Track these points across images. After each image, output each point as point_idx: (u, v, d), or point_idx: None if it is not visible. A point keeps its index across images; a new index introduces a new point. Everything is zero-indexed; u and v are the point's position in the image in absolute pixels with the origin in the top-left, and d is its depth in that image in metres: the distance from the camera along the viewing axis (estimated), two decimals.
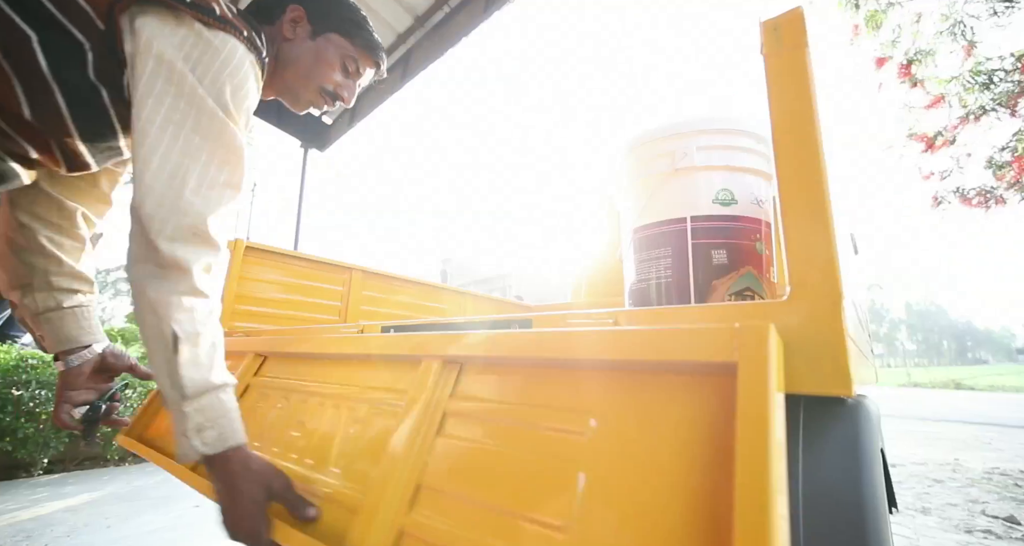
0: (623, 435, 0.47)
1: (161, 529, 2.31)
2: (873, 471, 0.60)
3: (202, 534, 2.28)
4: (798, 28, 0.55)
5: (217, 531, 0.61)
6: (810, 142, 0.51)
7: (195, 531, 2.29)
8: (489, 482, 0.52)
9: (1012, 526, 2.67)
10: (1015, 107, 3.77)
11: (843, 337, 0.44)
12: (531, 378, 0.57)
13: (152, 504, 2.70)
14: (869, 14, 4.23)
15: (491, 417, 0.57)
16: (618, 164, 1.16)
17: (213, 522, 2.33)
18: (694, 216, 0.96)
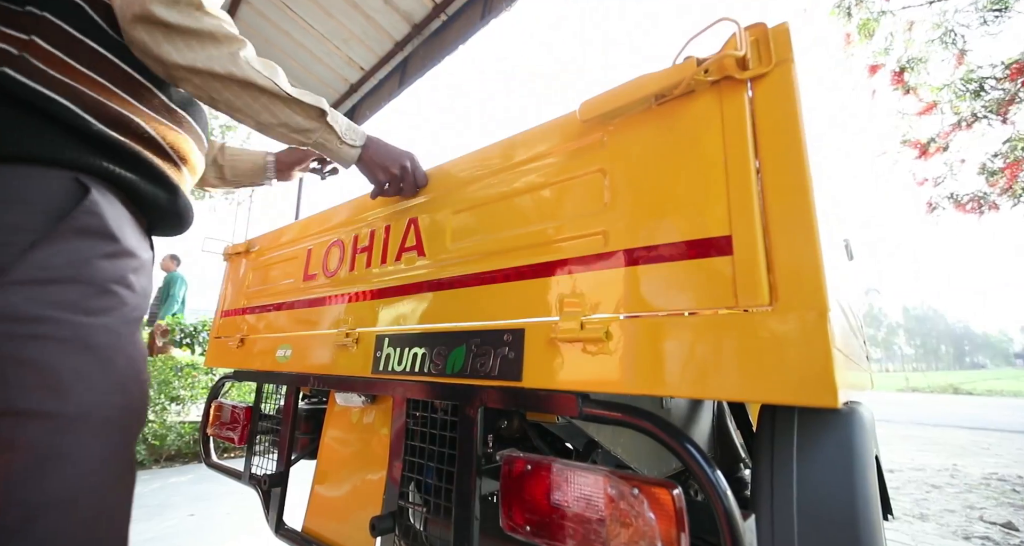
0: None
1: (155, 538, 2.29)
2: (866, 479, 0.60)
3: (198, 543, 2.26)
4: (784, 42, 0.56)
5: (209, 539, 0.61)
6: (796, 157, 0.52)
7: (190, 540, 2.27)
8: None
9: (1010, 532, 2.66)
10: (1006, 114, 3.81)
11: (829, 350, 0.45)
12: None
13: (147, 513, 2.68)
14: (861, 22, 4.27)
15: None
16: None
17: (207, 531, 2.31)
18: None
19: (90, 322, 0.53)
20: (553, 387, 0.64)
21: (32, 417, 0.47)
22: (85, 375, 0.51)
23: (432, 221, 0.93)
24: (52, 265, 0.51)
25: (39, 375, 0.48)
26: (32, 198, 0.52)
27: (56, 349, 0.49)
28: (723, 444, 1.21)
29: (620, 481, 0.55)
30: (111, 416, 0.53)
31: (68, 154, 0.55)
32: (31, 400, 0.47)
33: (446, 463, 0.79)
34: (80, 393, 0.50)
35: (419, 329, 0.87)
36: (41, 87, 0.53)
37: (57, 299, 0.51)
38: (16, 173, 0.52)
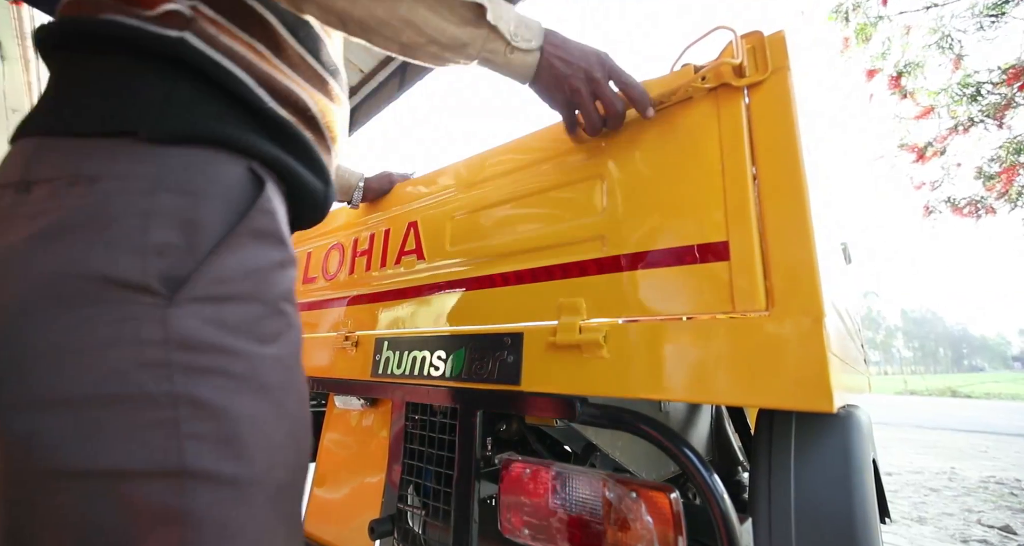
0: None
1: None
2: (863, 483, 0.61)
3: None
4: (780, 50, 0.57)
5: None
6: (792, 163, 0.53)
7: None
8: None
9: (1007, 536, 2.67)
10: (1002, 119, 3.83)
11: (824, 355, 0.45)
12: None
13: None
14: (859, 27, 4.30)
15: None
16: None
17: None
18: None
19: (264, 353, 0.42)
20: (551, 391, 0.64)
21: (205, 481, 0.36)
22: (261, 425, 0.41)
23: (432, 225, 0.94)
24: (230, 278, 0.41)
25: (216, 424, 0.38)
26: (211, 191, 0.42)
27: (234, 390, 0.39)
28: (721, 447, 1.21)
29: (618, 485, 0.55)
30: (285, 479, 0.42)
31: (245, 138, 0.45)
32: (206, 458, 0.36)
33: (445, 466, 0.80)
34: (257, 450, 0.40)
35: (418, 332, 0.87)
36: (221, 57, 0.45)
37: (234, 322, 0.41)
38: (194, 159, 0.42)
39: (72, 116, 0.41)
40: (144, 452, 0.35)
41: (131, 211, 0.38)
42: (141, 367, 0.36)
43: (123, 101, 0.42)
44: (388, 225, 1.04)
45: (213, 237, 0.41)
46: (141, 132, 0.40)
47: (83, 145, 0.40)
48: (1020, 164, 3.91)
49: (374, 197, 1.11)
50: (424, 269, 0.92)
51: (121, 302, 0.37)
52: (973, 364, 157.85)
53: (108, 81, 0.43)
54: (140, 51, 0.43)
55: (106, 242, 0.37)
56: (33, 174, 0.40)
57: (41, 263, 0.36)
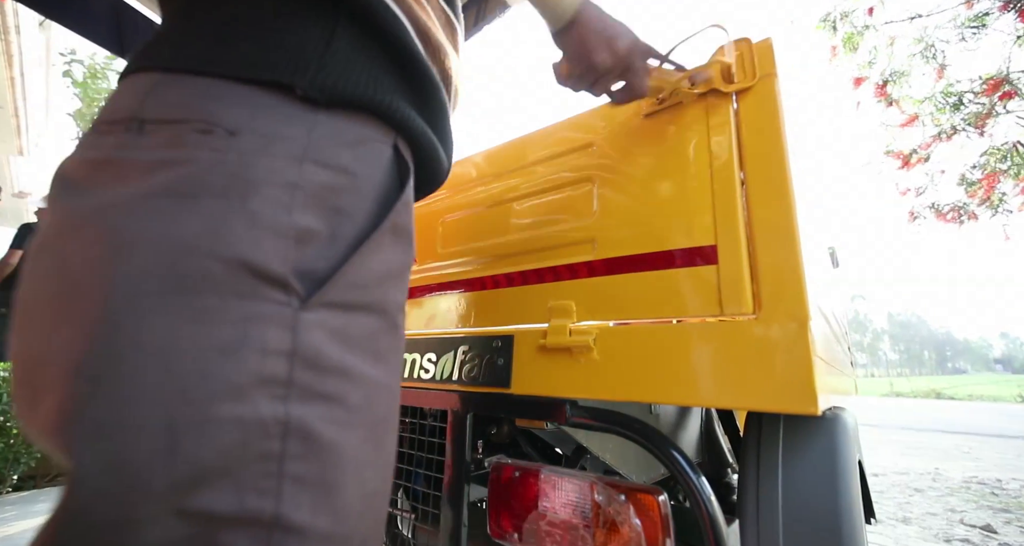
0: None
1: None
2: (849, 484, 0.62)
3: None
4: (767, 57, 0.58)
5: None
6: (778, 168, 0.54)
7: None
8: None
9: (988, 535, 2.72)
10: (983, 127, 3.92)
11: (810, 359, 0.46)
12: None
13: None
14: (846, 36, 4.37)
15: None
16: None
17: None
18: None
19: (378, 379, 0.35)
20: (541, 394, 0.65)
21: (297, 537, 0.29)
22: (363, 469, 0.33)
23: (423, 227, 0.94)
24: (366, 283, 0.34)
25: (321, 466, 0.30)
26: (361, 172, 0.35)
27: (347, 423, 0.32)
28: (711, 449, 1.22)
29: (607, 487, 0.55)
30: (369, 533, 0.35)
31: (399, 108, 0.38)
32: (304, 508, 0.29)
33: (435, 470, 0.79)
34: (354, 500, 0.32)
35: (409, 335, 0.87)
36: (393, 3, 0.38)
37: (358, 338, 0.34)
38: (347, 129, 0.35)
39: (207, 53, 0.33)
40: (236, 494, 0.27)
41: (278, 180, 0.31)
42: (259, 384, 0.28)
43: (277, 46, 0.34)
44: None
45: (357, 230, 0.34)
46: (298, 87, 0.33)
47: (220, 88, 0.32)
48: (1001, 171, 4.00)
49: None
50: (414, 271, 0.92)
51: (251, 296, 0.29)
52: (957, 366, 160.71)
53: (257, 20, 0.35)
54: None
55: (250, 216, 0.29)
56: (149, 112, 0.31)
57: (165, 231, 0.28)
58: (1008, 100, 3.80)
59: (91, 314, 0.27)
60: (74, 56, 6.91)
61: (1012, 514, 3.16)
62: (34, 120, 5.24)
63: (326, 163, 0.33)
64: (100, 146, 0.32)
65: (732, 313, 0.52)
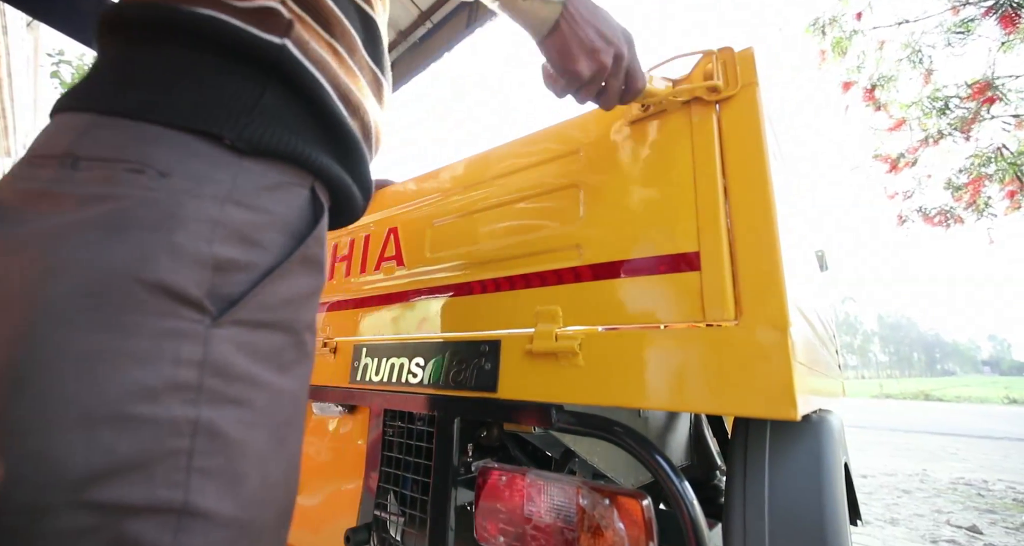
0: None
1: None
2: (834, 486, 0.62)
3: None
4: (749, 66, 0.59)
5: None
6: (760, 176, 0.54)
7: None
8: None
9: (974, 535, 2.75)
10: (968, 132, 3.98)
11: (789, 365, 0.47)
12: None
13: None
14: (835, 41, 4.43)
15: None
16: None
17: None
18: None
19: (282, 386, 0.40)
20: (528, 398, 0.65)
21: (203, 521, 0.33)
22: (264, 463, 0.38)
23: (412, 231, 0.94)
24: (273, 304, 0.39)
25: (225, 459, 0.35)
26: (278, 212, 0.41)
27: (251, 423, 0.37)
28: (700, 452, 1.23)
29: (592, 491, 0.56)
30: (273, 522, 0.40)
31: (316, 157, 0.43)
32: (210, 497, 0.33)
33: (422, 474, 0.79)
34: (256, 489, 0.37)
35: (397, 339, 0.87)
36: (312, 67, 0.43)
37: (262, 351, 0.39)
38: (273, 176, 0.41)
39: (145, 99, 0.37)
40: (148, 485, 0.31)
41: (202, 217, 0.36)
42: (173, 389, 0.33)
43: (212, 100, 0.39)
44: (368, 231, 1.03)
45: (270, 260, 0.40)
46: (227, 136, 0.38)
47: (154, 132, 0.36)
48: (986, 176, 4.07)
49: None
50: (403, 276, 0.92)
51: (168, 314, 0.33)
52: (945, 368, 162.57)
53: (196, 74, 0.39)
54: (235, 50, 0.40)
55: (171, 247, 0.34)
56: (84, 150, 0.35)
57: (93, 256, 0.32)
58: (992, 105, 3.86)
59: (20, 327, 0.30)
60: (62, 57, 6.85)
61: (998, 515, 3.20)
62: (22, 121, 5.18)
63: (246, 204, 0.38)
64: (35, 178, 0.35)
65: (714, 319, 0.53)
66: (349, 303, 1.01)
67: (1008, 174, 3.93)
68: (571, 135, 0.74)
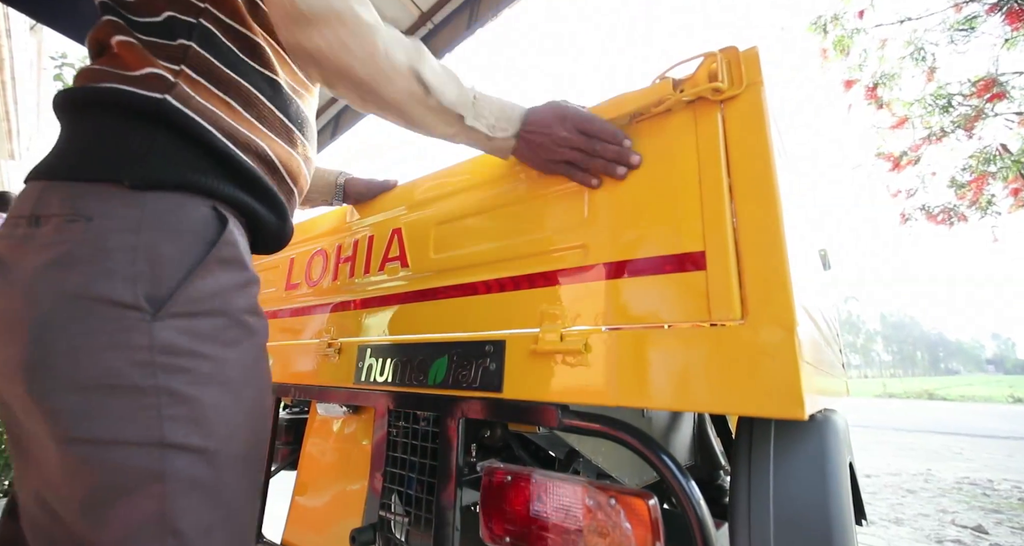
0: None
1: None
2: (840, 485, 0.62)
3: None
4: (754, 65, 0.59)
5: None
6: (765, 175, 0.54)
7: None
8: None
9: (980, 535, 2.74)
10: (972, 129, 3.97)
11: (796, 364, 0.46)
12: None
13: None
14: (837, 39, 4.42)
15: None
16: None
17: None
18: None
19: (227, 356, 0.53)
20: (533, 398, 0.65)
21: (180, 450, 0.47)
22: (222, 410, 0.51)
23: (415, 232, 0.94)
24: (200, 298, 0.51)
25: (187, 409, 0.48)
26: (188, 228, 0.53)
27: (201, 383, 0.50)
28: (704, 452, 1.23)
29: (597, 491, 0.56)
30: (242, 451, 0.53)
31: (209, 183, 0.55)
32: (179, 434, 0.47)
33: (427, 474, 0.79)
34: (219, 427, 0.50)
35: (401, 339, 0.87)
36: (194, 115, 0.55)
37: (203, 332, 0.51)
38: (172, 202, 0.52)
39: (71, 164, 0.51)
40: (134, 428, 0.45)
41: (122, 246, 0.48)
42: (132, 366, 0.46)
43: (111, 153, 0.51)
44: (372, 231, 1.04)
45: (186, 265, 0.51)
46: (125, 180, 0.50)
47: (79, 189, 0.50)
48: (989, 174, 4.05)
49: (356, 200, 1.11)
50: (407, 276, 0.92)
51: (118, 317, 0.47)
52: (949, 367, 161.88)
53: (99, 135, 0.52)
54: (127, 109, 0.52)
55: (106, 271, 0.47)
56: (41, 210, 0.49)
57: (57, 287, 0.46)
58: (998, 101, 3.84)
59: (25, 338, 0.45)
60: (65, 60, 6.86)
61: (1003, 515, 3.19)
62: (26, 124, 5.20)
63: (157, 227, 0.50)
64: (13, 235, 0.50)
65: (720, 319, 0.52)
66: (353, 304, 1.01)
67: (1012, 171, 3.91)
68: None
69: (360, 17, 0.57)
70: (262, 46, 0.65)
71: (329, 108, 4.25)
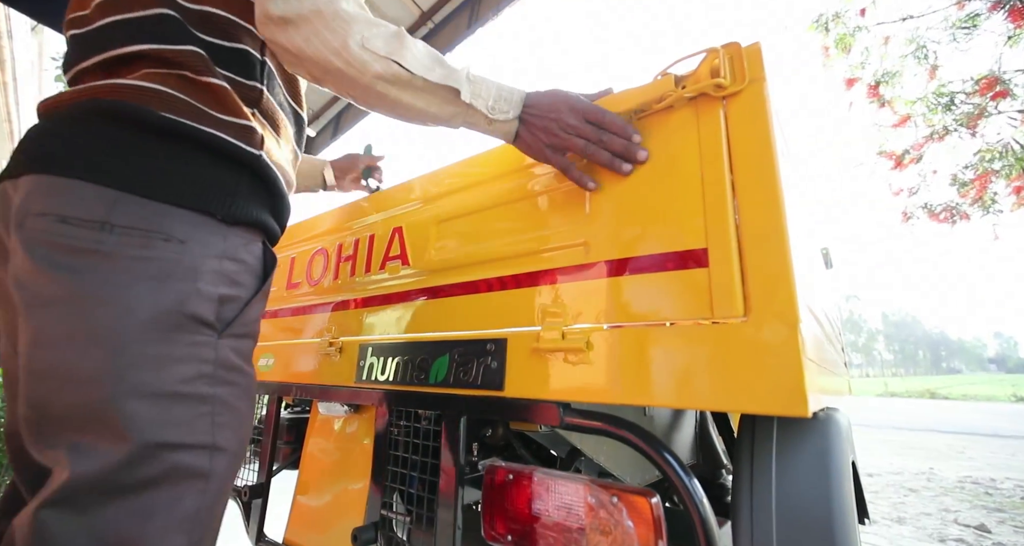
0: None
1: None
2: (842, 484, 0.62)
3: None
4: (756, 61, 0.58)
5: None
6: (768, 172, 0.54)
7: None
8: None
9: (983, 534, 2.73)
10: (975, 128, 3.96)
11: (800, 361, 0.46)
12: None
13: None
14: (839, 37, 4.41)
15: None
16: None
17: None
18: None
19: (251, 372, 0.62)
20: (535, 397, 0.65)
21: (222, 452, 0.55)
22: (245, 420, 0.60)
23: (416, 230, 0.94)
24: (249, 322, 0.61)
25: (232, 416, 0.56)
26: (251, 263, 0.61)
27: (240, 395, 0.58)
28: (705, 450, 1.23)
29: (600, 489, 0.56)
30: (241, 451, 0.60)
31: (269, 224, 0.65)
32: (226, 439, 0.55)
33: (429, 473, 0.79)
34: (244, 433, 0.60)
35: (403, 338, 0.87)
36: (274, 167, 0.64)
37: (245, 352, 0.61)
38: (247, 237, 0.61)
39: (158, 184, 0.53)
40: (194, 433, 0.52)
41: (210, 270, 0.55)
42: (201, 377, 0.53)
43: (202, 185, 0.56)
44: (373, 230, 1.03)
45: (248, 294, 0.61)
46: (217, 214, 0.57)
47: (163, 209, 0.53)
48: (992, 171, 4.04)
49: (341, 176, 1.21)
50: (408, 275, 0.92)
51: (195, 332, 0.53)
52: (951, 366, 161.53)
53: (192, 167, 0.56)
54: (224, 153, 0.58)
55: (197, 291, 0.53)
56: (118, 220, 0.51)
57: (153, 299, 0.51)
58: (1000, 100, 3.83)
59: (114, 343, 0.48)
60: None
61: (1006, 514, 3.18)
62: (27, 125, 5.20)
63: (233, 257, 0.58)
64: (77, 236, 0.49)
65: (723, 316, 0.52)
66: (354, 303, 1.01)
67: (1015, 169, 3.90)
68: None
69: (338, 11, 0.58)
70: (296, 79, 0.73)
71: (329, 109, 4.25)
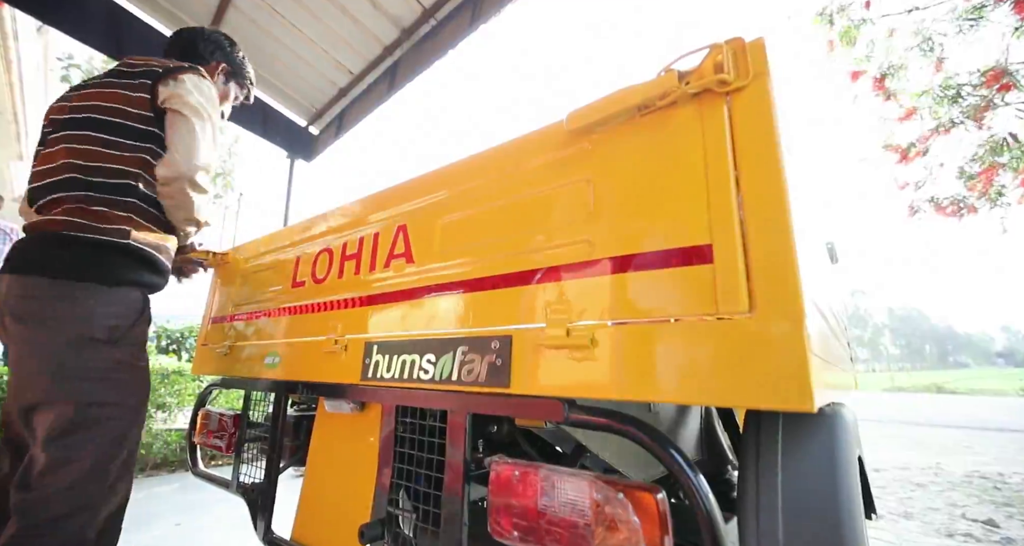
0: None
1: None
2: (849, 479, 0.62)
3: None
4: (760, 56, 0.58)
5: None
6: (772, 167, 0.54)
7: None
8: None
9: (991, 529, 2.72)
10: (981, 120, 3.91)
11: (805, 356, 0.46)
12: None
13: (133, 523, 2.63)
14: (843, 30, 4.36)
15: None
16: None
17: (194, 541, 2.28)
18: None
19: (140, 366, 1.11)
20: (540, 393, 0.65)
21: (126, 406, 1.04)
22: (139, 387, 1.10)
23: (421, 228, 0.94)
24: (137, 336, 1.09)
25: (129, 386, 1.06)
26: (130, 306, 1.08)
27: (136, 373, 1.08)
28: (711, 446, 1.23)
29: (605, 486, 0.56)
30: (137, 404, 1.09)
31: (144, 280, 1.11)
32: (124, 397, 1.04)
33: (435, 469, 0.80)
34: (136, 393, 1.08)
35: (408, 336, 0.87)
36: (145, 247, 1.09)
37: (137, 352, 1.09)
38: (124, 293, 1.06)
39: (69, 271, 1.00)
40: (114, 394, 1.02)
41: (102, 313, 1.02)
42: (112, 367, 1.03)
43: (92, 265, 1.02)
44: (377, 228, 1.04)
45: (130, 322, 1.07)
46: (102, 283, 1.03)
47: (76, 284, 1.01)
48: (999, 164, 3.99)
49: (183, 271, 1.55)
50: (413, 273, 0.92)
51: (99, 346, 1.01)
52: (958, 360, 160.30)
53: (83, 256, 1.02)
54: (103, 245, 1.03)
55: (96, 325, 1.01)
56: (50, 293, 1.00)
57: (73, 330, 0.99)
58: (1007, 92, 3.78)
59: (51, 356, 0.99)
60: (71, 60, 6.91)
61: (1015, 508, 3.16)
62: (33, 125, 5.24)
63: (119, 304, 1.05)
64: (30, 305, 1.01)
65: (728, 312, 0.52)
66: (359, 301, 1.01)
67: (1022, 162, 3.85)
68: (580, 129, 0.73)
69: (198, 192, 1.15)
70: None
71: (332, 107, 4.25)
